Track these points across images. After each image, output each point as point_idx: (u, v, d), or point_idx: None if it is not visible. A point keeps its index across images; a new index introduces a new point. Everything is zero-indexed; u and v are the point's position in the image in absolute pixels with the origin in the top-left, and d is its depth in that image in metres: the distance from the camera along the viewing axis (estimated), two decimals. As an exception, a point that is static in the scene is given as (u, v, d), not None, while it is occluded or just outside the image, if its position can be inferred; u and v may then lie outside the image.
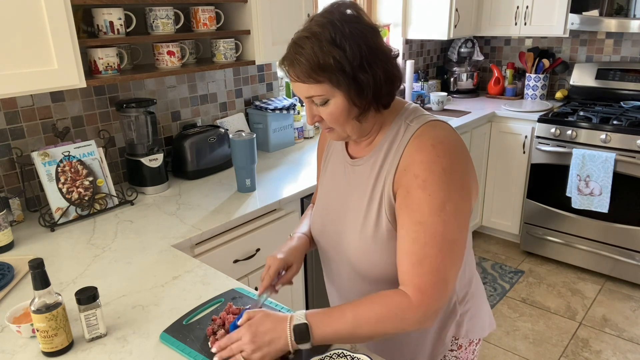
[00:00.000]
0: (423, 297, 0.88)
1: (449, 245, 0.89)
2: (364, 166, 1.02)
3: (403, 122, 0.98)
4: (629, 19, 2.79)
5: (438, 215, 0.88)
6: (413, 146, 0.94)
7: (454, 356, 1.14)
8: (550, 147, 2.94)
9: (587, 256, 3.01)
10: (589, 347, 2.43)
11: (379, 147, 1.00)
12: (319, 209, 1.15)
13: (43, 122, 1.76)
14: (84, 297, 1.00)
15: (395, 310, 0.89)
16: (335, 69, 0.88)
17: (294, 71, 0.91)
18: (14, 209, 1.63)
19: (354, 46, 0.88)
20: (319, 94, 0.91)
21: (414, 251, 0.89)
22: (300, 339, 0.89)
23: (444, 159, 0.90)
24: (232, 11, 2.03)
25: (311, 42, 0.88)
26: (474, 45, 3.63)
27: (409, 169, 0.92)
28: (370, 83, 0.90)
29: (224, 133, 2.13)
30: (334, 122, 0.95)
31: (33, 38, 1.34)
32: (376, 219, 0.98)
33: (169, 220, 1.64)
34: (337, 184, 1.10)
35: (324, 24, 0.89)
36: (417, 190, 0.90)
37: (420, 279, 0.89)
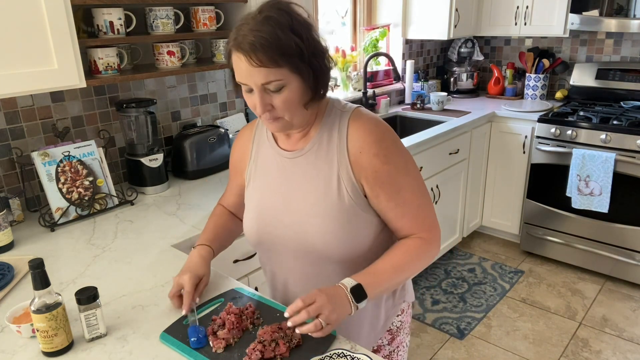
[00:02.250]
0: (434, 232, 1.09)
1: (425, 191, 1.09)
2: (306, 156, 1.07)
3: (336, 111, 1.07)
4: (629, 19, 2.79)
5: (407, 175, 1.05)
6: (357, 130, 1.03)
7: (399, 320, 1.27)
8: (550, 147, 2.95)
9: (587, 256, 3.01)
10: (589, 347, 2.43)
11: (317, 137, 1.06)
12: (255, 212, 1.14)
13: (43, 122, 1.76)
14: (84, 297, 1.00)
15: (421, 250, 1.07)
16: (295, 54, 0.92)
17: (256, 55, 0.91)
18: (14, 209, 1.63)
19: (307, 34, 0.94)
20: (278, 79, 0.93)
21: (409, 211, 1.06)
22: (359, 298, 0.97)
23: (388, 132, 1.05)
24: (232, 11, 2.03)
25: (273, 27, 0.90)
26: (474, 45, 3.63)
27: (365, 151, 1.02)
28: (321, 69, 0.97)
29: (224, 133, 2.13)
30: (287, 109, 0.98)
31: (33, 38, 1.34)
32: (337, 195, 1.04)
33: (169, 220, 1.64)
34: (273, 182, 1.12)
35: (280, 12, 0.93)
36: (383, 166, 1.02)
37: (425, 223, 1.08)
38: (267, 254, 1.20)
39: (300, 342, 0.99)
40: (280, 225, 1.10)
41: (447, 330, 2.58)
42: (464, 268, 3.18)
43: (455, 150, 2.93)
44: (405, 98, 3.53)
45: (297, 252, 1.11)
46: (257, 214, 1.14)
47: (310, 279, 1.13)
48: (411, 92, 3.45)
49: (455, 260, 3.28)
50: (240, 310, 1.06)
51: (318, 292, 0.95)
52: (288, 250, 1.12)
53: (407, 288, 1.27)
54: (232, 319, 1.02)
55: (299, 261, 1.12)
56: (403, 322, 1.28)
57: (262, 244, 1.16)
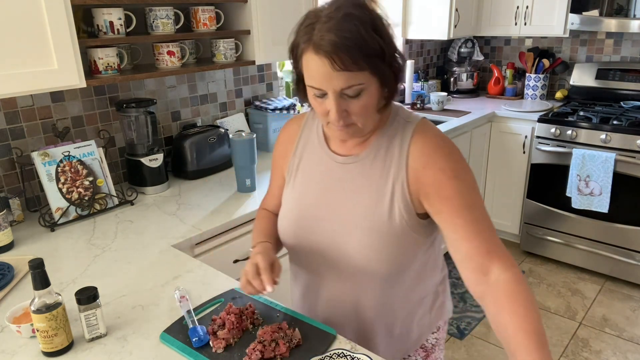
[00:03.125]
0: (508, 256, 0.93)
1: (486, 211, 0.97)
2: (361, 163, 1.00)
3: (400, 119, 0.99)
4: (629, 19, 2.79)
5: (476, 193, 0.95)
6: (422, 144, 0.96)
7: (435, 338, 1.19)
8: (550, 147, 2.95)
9: (587, 256, 3.01)
10: (589, 347, 2.43)
11: (376, 144, 0.99)
12: (294, 214, 1.07)
13: (43, 122, 1.76)
14: (84, 297, 1.00)
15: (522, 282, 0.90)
16: (378, 55, 0.84)
17: (340, 58, 0.81)
18: (14, 209, 1.63)
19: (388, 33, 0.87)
20: (359, 83, 0.85)
21: (481, 229, 0.93)
22: None
23: (455, 149, 0.97)
24: (232, 11, 2.03)
25: (356, 26, 0.81)
26: (474, 45, 3.63)
27: (430, 166, 0.94)
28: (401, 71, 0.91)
29: (224, 133, 2.13)
30: (362, 115, 0.90)
31: (33, 38, 1.34)
32: (389, 213, 0.96)
33: (169, 220, 1.64)
34: (319, 185, 1.04)
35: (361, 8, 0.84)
36: (450, 181, 0.92)
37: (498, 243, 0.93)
38: (301, 260, 1.11)
39: (300, 342, 0.99)
40: (320, 232, 1.03)
41: (447, 330, 2.58)
42: (464, 268, 3.18)
43: (455, 150, 2.93)
44: (405, 98, 3.53)
45: (334, 263, 1.03)
46: (295, 217, 1.06)
47: (345, 292, 1.06)
48: (411, 92, 3.45)
49: (455, 260, 3.28)
50: (240, 310, 1.06)
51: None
52: (325, 260, 1.04)
53: (447, 306, 1.20)
54: (232, 319, 1.02)
55: (335, 272, 1.05)
56: (439, 339, 1.20)
57: (298, 249, 1.09)
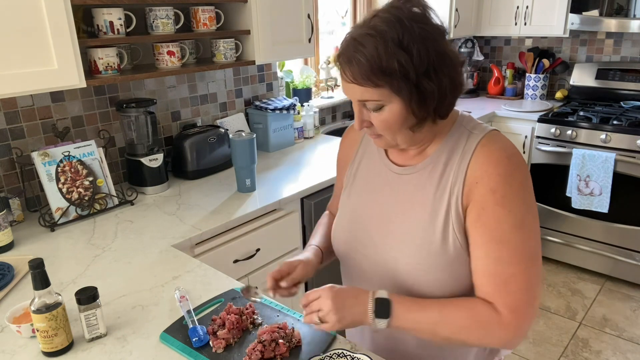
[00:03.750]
0: (515, 316, 0.83)
1: (531, 262, 0.85)
2: (418, 175, 0.94)
3: (463, 130, 0.91)
4: (629, 19, 2.79)
5: (519, 232, 0.83)
6: (483, 156, 0.87)
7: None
8: (550, 147, 2.94)
9: (587, 256, 3.01)
10: (589, 347, 2.43)
11: (435, 156, 0.92)
12: (347, 219, 1.04)
13: (43, 122, 1.76)
14: (84, 297, 1.00)
15: (485, 323, 0.84)
16: (398, 74, 0.79)
17: (351, 71, 0.81)
18: (14, 209, 1.63)
19: (422, 50, 0.79)
20: (375, 99, 0.83)
21: (498, 272, 0.84)
22: (380, 313, 0.85)
23: (520, 172, 0.86)
24: (232, 11, 2.03)
25: (375, 40, 0.79)
26: (474, 45, 3.63)
27: (483, 182, 0.85)
28: (434, 93, 0.82)
29: (224, 133, 2.13)
30: (385, 129, 0.87)
31: (33, 38, 1.34)
32: (442, 234, 0.89)
33: (169, 220, 1.64)
34: (373, 195, 1.00)
35: (391, 22, 0.79)
36: (495, 207, 0.84)
37: (510, 298, 0.84)
38: (350, 272, 1.07)
39: (300, 342, 0.99)
40: (371, 244, 0.98)
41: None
42: (464, 268, 3.18)
43: (455, 150, 2.92)
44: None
45: (382, 279, 0.98)
46: (348, 225, 1.03)
47: None
48: (411, 92, 3.45)
49: (455, 260, 3.28)
50: (240, 310, 1.06)
51: (329, 288, 0.87)
52: (373, 273, 0.99)
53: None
54: (232, 319, 1.02)
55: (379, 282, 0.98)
56: None
57: (348, 259, 1.05)
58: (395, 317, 0.85)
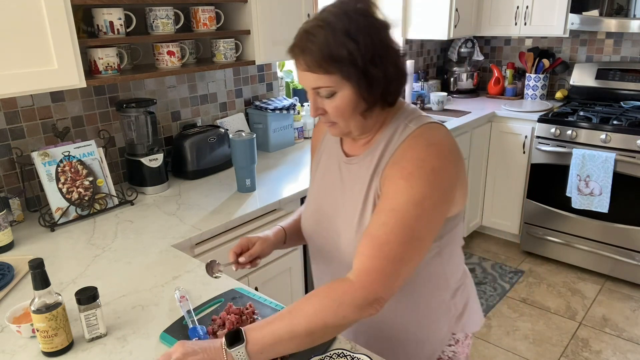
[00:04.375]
0: (367, 279, 0.86)
1: (413, 241, 0.88)
2: (359, 164, 1.01)
3: (402, 122, 0.97)
4: (629, 19, 2.79)
5: (414, 208, 0.87)
6: (407, 145, 0.93)
7: (452, 351, 1.15)
8: (550, 147, 2.94)
9: (587, 256, 3.01)
10: (589, 347, 2.43)
11: (375, 146, 0.99)
12: (310, 208, 1.13)
13: (43, 122, 1.76)
14: (84, 297, 1.00)
15: (334, 295, 0.86)
16: (347, 61, 0.86)
17: (304, 59, 0.88)
18: (14, 209, 1.63)
19: (367, 39, 0.87)
20: (327, 85, 0.90)
21: (378, 234, 0.88)
22: (231, 342, 0.84)
23: (436, 160, 0.90)
24: (232, 11, 2.03)
25: (325, 31, 0.86)
26: (474, 45, 3.63)
27: (398, 163, 0.92)
28: (380, 78, 0.89)
29: (224, 133, 2.13)
30: (338, 116, 0.93)
31: (33, 38, 1.34)
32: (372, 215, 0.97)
33: (169, 220, 1.64)
34: (330, 183, 1.08)
35: (338, 14, 0.87)
36: (399, 180, 0.90)
37: (372, 262, 0.87)
38: (312, 252, 1.17)
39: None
40: (325, 228, 1.07)
41: (447, 330, 2.58)
42: (464, 268, 3.18)
43: (455, 150, 2.93)
44: (405, 98, 3.51)
45: (333, 260, 1.07)
46: (312, 211, 1.12)
47: None
48: (411, 92, 3.45)
49: (455, 260, 3.28)
50: (240, 310, 1.06)
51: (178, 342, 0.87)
52: (331, 256, 1.08)
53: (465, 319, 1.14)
54: (232, 319, 1.02)
55: (334, 269, 1.08)
56: (457, 353, 1.15)
57: (311, 241, 1.15)
58: (251, 339, 0.84)
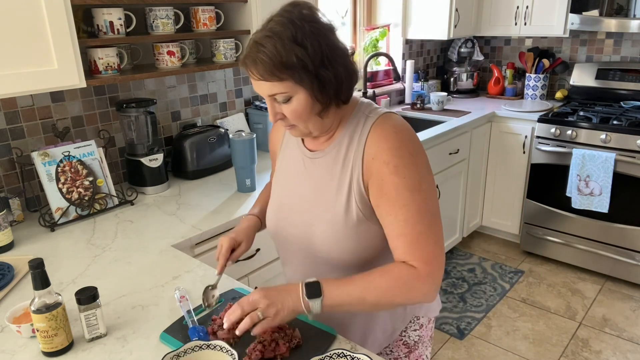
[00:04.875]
0: (430, 267, 0.94)
1: (434, 219, 0.97)
2: (326, 158, 1.05)
3: (361, 115, 1.03)
4: (629, 19, 2.79)
5: (417, 194, 0.95)
6: (376, 134, 0.99)
7: (417, 335, 1.22)
8: (550, 147, 2.94)
9: (587, 256, 3.01)
10: (589, 347, 2.44)
11: (339, 140, 1.04)
12: (275, 205, 1.16)
13: (43, 122, 1.76)
14: (84, 297, 1.00)
15: (405, 279, 0.94)
16: (297, 67, 0.90)
17: (257, 70, 0.91)
18: (14, 209, 1.63)
19: (314, 44, 0.90)
20: (282, 92, 0.93)
21: (407, 232, 0.95)
22: (311, 294, 0.91)
23: (409, 143, 0.98)
24: (232, 11, 2.03)
25: (273, 40, 0.89)
26: (474, 45, 3.63)
27: (377, 158, 0.97)
28: (332, 79, 0.93)
29: (224, 133, 2.13)
30: (296, 119, 0.97)
31: (33, 38, 1.34)
32: (346, 206, 1.01)
33: (169, 220, 1.64)
34: (294, 179, 1.11)
35: (284, 23, 0.91)
36: (391, 177, 0.95)
37: (423, 252, 0.95)
38: (280, 249, 1.21)
39: (300, 342, 0.99)
40: (293, 223, 1.10)
41: (447, 330, 2.58)
42: (464, 268, 3.18)
43: (455, 150, 2.93)
44: (405, 98, 3.53)
45: (305, 253, 1.10)
46: (276, 208, 1.15)
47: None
48: (411, 92, 3.45)
49: (455, 260, 3.28)
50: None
51: (258, 290, 0.94)
52: (297, 249, 1.12)
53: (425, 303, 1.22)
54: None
55: (307, 262, 1.12)
56: (422, 337, 1.24)
57: (277, 238, 1.17)
58: (327, 295, 0.92)
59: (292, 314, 0.92)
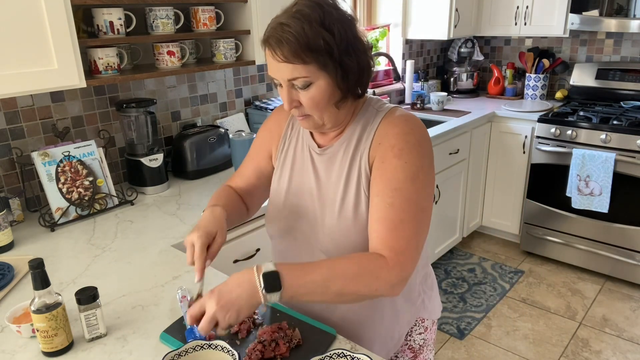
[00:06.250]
0: (399, 258, 0.90)
1: (421, 213, 0.93)
2: (335, 153, 1.04)
3: (371, 110, 1.02)
4: (629, 19, 2.79)
5: (413, 182, 0.93)
6: (385, 123, 0.98)
7: (422, 338, 1.20)
8: (550, 147, 2.95)
9: (587, 256, 3.01)
10: (589, 347, 2.43)
11: (349, 134, 1.02)
12: (279, 202, 1.12)
13: (43, 122, 1.76)
14: (84, 297, 1.00)
15: (371, 268, 0.89)
16: (323, 51, 0.88)
17: (281, 50, 0.89)
18: (14, 209, 1.63)
19: (341, 30, 0.89)
20: (304, 76, 0.90)
21: (390, 217, 0.92)
22: (270, 287, 0.83)
23: (417, 132, 0.96)
24: (232, 11, 2.03)
25: (301, 22, 0.88)
26: (474, 45, 3.63)
27: (384, 142, 0.96)
28: (355, 68, 0.92)
29: (224, 133, 2.13)
30: (314, 107, 0.94)
31: (33, 38, 1.34)
32: (355, 198, 0.99)
33: (169, 220, 1.64)
34: (302, 175, 1.09)
35: (312, 6, 0.89)
36: (393, 159, 0.94)
37: (397, 242, 0.91)
38: (285, 246, 1.15)
39: (300, 342, 0.99)
40: (302, 219, 1.08)
41: (447, 330, 2.58)
42: (464, 268, 3.18)
43: (455, 150, 2.93)
44: (405, 98, 3.53)
45: (312, 250, 1.08)
46: (281, 205, 1.12)
47: None
48: (411, 92, 3.45)
49: (455, 260, 3.28)
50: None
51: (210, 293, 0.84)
52: (304, 247, 1.10)
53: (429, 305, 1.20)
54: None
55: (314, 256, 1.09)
56: (426, 340, 1.22)
57: (284, 234, 1.13)
58: (287, 286, 0.84)
59: (251, 308, 0.84)
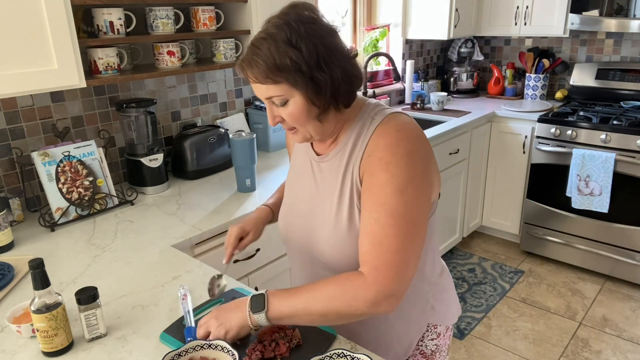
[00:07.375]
0: (378, 275, 0.88)
1: (409, 227, 0.90)
2: (331, 162, 1.04)
3: (367, 117, 1.00)
4: (629, 19, 2.79)
5: (400, 196, 0.90)
6: (377, 133, 0.96)
7: (435, 344, 1.18)
8: (550, 147, 2.94)
9: (587, 256, 3.01)
10: (589, 347, 2.43)
11: (343, 144, 1.01)
12: (285, 208, 1.16)
13: (43, 122, 1.76)
14: (84, 297, 1.00)
15: (349, 287, 0.89)
16: (292, 69, 0.89)
17: (252, 72, 0.91)
18: (14, 209, 1.63)
19: (309, 46, 0.89)
20: (278, 94, 0.92)
21: (374, 232, 0.90)
22: (255, 308, 0.93)
23: (408, 142, 0.93)
24: (232, 11, 2.03)
25: (267, 42, 0.89)
26: (474, 45, 3.63)
27: (373, 154, 0.94)
28: (327, 82, 0.91)
29: (224, 133, 2.13)
30: (294, 122, 0.96)
31: (33, 38, 1.34)
32: (349, 212, 0.99)
33: (169, 220, 1.64)
34: (303, 182, 1.11)
35: (279, 25, 0.90)
36: (380, 172, 0.92)
37: (378, 258, 0.89)
38: (289, 251, 1.21)
39: (300, 342, 0.99)
40: (297, 227, 1.10)
41: (447, 330, 2.58)
42: (464, 268, 3.18)
43: (455, 150, 2.93)
44: (405, 98, 3.53)
45: (307, 257, 1.10)
46: (286, 210, 1.15)
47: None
48: (411, 92, 3.45)
49: (455, 260, 3.28)
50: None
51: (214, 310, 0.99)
52: (300, 253, 1.12)
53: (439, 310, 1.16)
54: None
55: (309, 266, 1.12)
56: (439, 346, 1.19)
57: (286, 242, 1.17)
58: (272, 308, 0.93)
59: (241, 329, 0.96)
